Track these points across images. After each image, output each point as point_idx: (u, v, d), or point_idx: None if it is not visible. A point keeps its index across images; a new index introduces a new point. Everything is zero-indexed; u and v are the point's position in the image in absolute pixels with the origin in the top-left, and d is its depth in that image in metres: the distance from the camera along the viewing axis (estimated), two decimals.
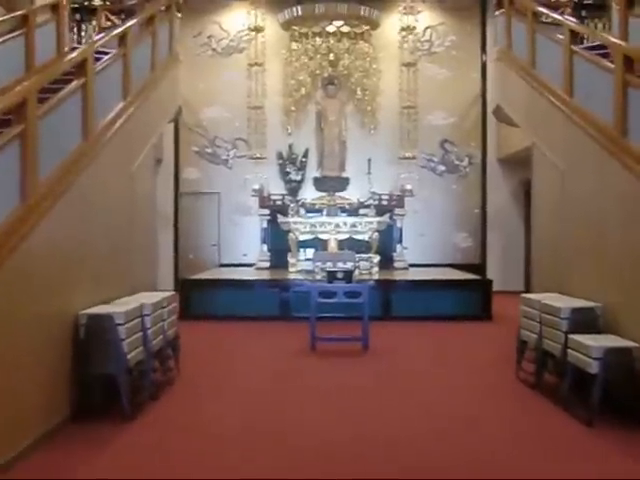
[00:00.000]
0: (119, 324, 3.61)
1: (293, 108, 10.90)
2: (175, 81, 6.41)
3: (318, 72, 10.64)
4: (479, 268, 11.22)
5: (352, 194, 10.28)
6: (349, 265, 8.10)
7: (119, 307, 3.83)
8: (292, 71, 10.82)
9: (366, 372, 5.07)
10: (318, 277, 8.18)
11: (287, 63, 10.85)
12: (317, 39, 10.57)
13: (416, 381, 4.75)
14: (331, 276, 5.87)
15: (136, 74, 4.98)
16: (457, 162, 11.46)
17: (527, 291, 11.17)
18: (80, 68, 3.83)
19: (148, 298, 4.35)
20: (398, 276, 8.96)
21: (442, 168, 11.45)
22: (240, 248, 11.20)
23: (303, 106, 10.98)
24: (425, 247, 11.16)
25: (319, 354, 5.76)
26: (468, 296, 7.96)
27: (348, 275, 5.85)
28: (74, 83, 3.79)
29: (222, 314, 7.77)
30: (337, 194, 10.09)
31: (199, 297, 7.93)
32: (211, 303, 7.89)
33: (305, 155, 10.85)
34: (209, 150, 11.42)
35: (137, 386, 3.85)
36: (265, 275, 9.15)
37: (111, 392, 3.70)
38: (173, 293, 4.86)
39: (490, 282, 8.02)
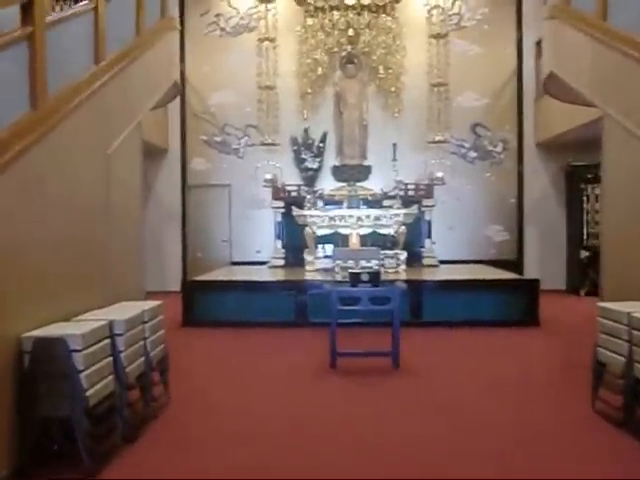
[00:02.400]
0: (75, 350, 2.71)
1: (309, 90, 9.91)
2: (169, 51, 5.49)
3: (336, 50, 9.63)
4: (515, 264, 10.17)
5: (375, 184, 9.30)
6: (373, 263, 7.15)
7: (78, 326, 2.92)
8: (307, 49, 9.83)
9: (398, 402, 4.10)
10: (338, 277, 7.22)
11: (302, 40, 9.86)
12: (335, 13, 9.58)
13: (463, 418, 3.76)
14: (354, 278, 4.90)
15: (114, 35, 4.06)
16: (490, 148, 10.39)
17: (570, 290, 10.19)
18: (26, 13, 2.92)
19: (124, 311, 3.44)
20: (429, 275, 7.95)
21: (474, 154, 10.38)
22: (253, 244, 10.31)
23: (320, 88, 9.99)
24: (455, 242, 10.14)
25: (340, 373, 4.80)
26: (511, 298, 6.93)
27: (374, 277, 4.88)
28: (17, 32, 2.88)
29: (230, 320, 6.87)
30: (358, 184, 9.11)
31: (204, 301, 7.04)
32: (217, 308, 6.99)
33: (323, 140, 9.86)
34: (218, 139, 10.53)
35: (105, 428, 2.94)
36: (279, 275, 8.22)
37: (71, 437, 2.80)
38: (159, 303, 3.94)
39: (537, 282, 6.97)
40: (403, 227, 8.28)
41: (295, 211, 8.39)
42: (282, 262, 9.08)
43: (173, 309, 7.18)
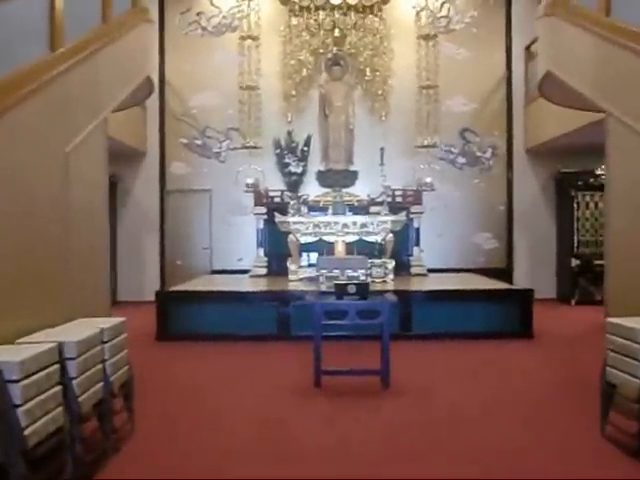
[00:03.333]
0: (11, 380, 2.29)
1: (293, 92, 9.57)
2: (142, 44, 5.08)
3: (321, 51, 9.30)
4: (505, 273, 9.91)
5: (361, 190, 8.97)
6: (360, 272, 6.79)
7: (17, 351, 2.50)
8: (292, 50, 9.49)
9: (388, 427, 3.73)
10: (323, 287, 6.84)
11: (286, 41, 9.51)
12: (320, 13, 9.27)
13: (459, 445, 3.40)
14: (340, 290, 4.53)
15: (74, 21, 3.66)
16: (479, 153, 10.13)
17: (561, 299, 9.95)
18: None
19: (79, 331, 3.03)
20: (418, 285, 7.62)
21: (462, 160, 10.11)
22: (235, 252, 9.91)
23: (304, 90, 9.65)
24: (443, 250, 9.85)
25: (325, 393, 4.42)
26: (503, 309, 6.61)
27: (362, 289, 4.51)
28: None
29: (207, 333, 6.45)
30: (344, 190, 8.76)
31: (179, 313, 6.61)
32: (194, 320, 6.57)
33: (307, 143, 9.50)
34: (199, 142, 10.12)
35: (50, 470, 2.52)
36: (261, 285, 7.82)
37: None
38: (122, 320, 3.52)
39: (530, 292, 6.67)
40: (391, 235, 7.95)
41: (278, 217, 8.01)
42: (264, 271, 8.68)
43: (148, 320, 6.75)
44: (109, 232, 4.66)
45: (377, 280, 7.40)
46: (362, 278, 6.76)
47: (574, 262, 9.49)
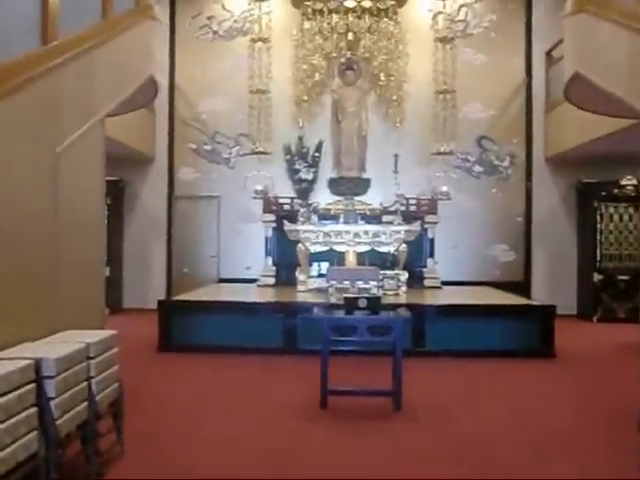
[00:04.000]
0: None
1: (305, 97, 9.32)
2: (145, 42, 4.84)
3: (334, 55, 9.04)
4: (522, 287, 9.53)
5: (373, 198, 8.66)
6: (372, 284, 6.49)
7: None
8: (304, 54, 9.25)
9: (400, 454, 3.41)
10: (333, 299, 6.55)
11: (298, 45, 9.28)
12: (334, 16, 9.02)
13: (478, 473, 3.07)
14: (350, 304, 4.23)
15: (71, 16, 3.43)
16: (497, 162, 9.80)
17: (582, 316, 9.51)
18: None
19: (62, 345, 2.75)
20: (432, 298, 7.28)
21: (479, 169, 9.79)
22: (243, 260, 9.65)
23: (317, 95, 9.40)
24: (457, 261, 9.50)
25: (331, 416, 4.10)
26: (523, 326, 6.25)
27: (374, 303, 4.20)
28: None
29: (211, 345, 6.17)
30: (356, 198, 8.46)
31: (182, 323, 6.34)
32: (197, 331, 6.29)
33: (318, 149, 9.23)
34: (208, 147, 9.92)
35: None
36: (268, 295, 7.53)
37: None
38: (111, 333, 3.25)
39: (552, 308, 6.30)
40: (404, 245, 7.62)
41: (287, 225, 7.73)
42: (273, 281, 8.39)
43: (152, 330, 6.48)
44: (106, 241, 4.43)
45: (389, 292, 7.07)
46: (373, 290, 6.46)
47: (596, 277, 9.09)
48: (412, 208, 8.47)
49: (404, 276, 7.48)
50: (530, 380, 5.29)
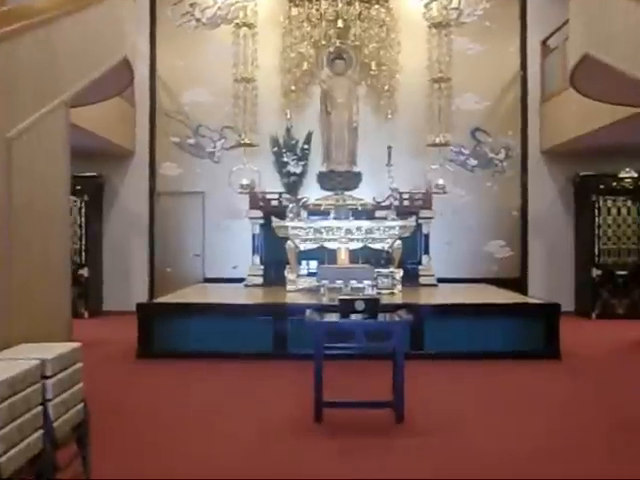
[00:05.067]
0: None
1: (293, 88, 8.92)
2: (116, 18, 4.39)
3: (323, 43, 8.62)
4: (519, 283, 9.25)
5: (365, 193, 8.27)
6: (366, 283, 6.11)
7: None
8: (292, 42, 8.85)
9: (404, 474, 3.03)
10: (325, 299, 6.19)
11: (286, 32, 8.87)
12: (322, 2, 8.61)
13: None
14: (346, 307, 3.84)
15: None
16: (492, 155, 9.49)
17: (580, 312, 9.23)
18: None
19: (8, 364, 2.33)
20: (429, 297, 6.93)
21: (473, 162, 9.48)
22: (230, 259, 9.24)
23: (305, 85, 9.01)
24: (452, 258, 9.18)
25: (326, 430, 3.72)
26: (526, 326, 5.92)
27: (372, 306, 3.82)
28: None
29: (195, 350, 5.76)
30: (347, 193, 8.07)
31: (163, 328, 5.91)
32: (180, 336, 5.87)
33: (307, 141, 8.83)
34: (191, 141, 9.49)
35: None
36: (256, 296, 7.13)
37: None
38: (74, 347, 2.82)
39: (557, 307, 5.97)
40: (399, 241, 7.25)
41: (275, 222, 7.32)
42: (260, 280, 8.00)
43: (132, 334, 6.03)
44: (69, 238, 3.97)
45: (384, 292, 6.70)
46: (368, 290, 6.09)
47: (595, 272, 8.81)
48: (405, 203, 8.11)
49: (399, 274, 7.12)
50: (537, 384, 4.95)
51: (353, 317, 3.87)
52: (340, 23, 8.52)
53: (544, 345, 5.84)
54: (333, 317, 4.00)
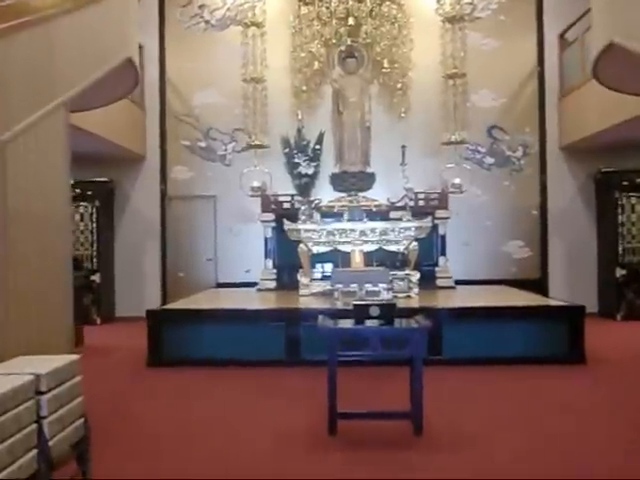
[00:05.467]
0: None
1: (304, 88, 8.75)
2: (122, 16, 4.26)
3: (334, 42, 8.44)
4: (539, 284, 8.97)
5: (379, 194, 8.08)
6: (381, 287, 5.91)
7: None
8: (302, 42, 8.68)
9: None
10: (339, 304, 5.99)
11: (296, 32, 8.70)
12: (332, 0, 8.44)
13: None
14: (360, 312, 3.65)
15: None
16: (509, 153, 9.23)
17: (604, 314, 8.90)
18: None
19: (1, 380, 2.18)
20: (447, 300, 6.70)
21: (490, 160, 9.23)
22: (242, 263, 9.11)
23: (316, 85, 8.85)
24: (470, 259, 8.95)
25: (341, 444, 3.53)
26: (549, 329, 5.67)
27: (388, 311, 3.63)
28: None
29: (206, 358, 5.62)
30: (361, 194, 7.89)
31: (174, 335, 5.77)
32: (190, 343, 5.73)
33: (319, 141, 8.65)
34: (202, 144, 9.37)
35: None
36: (268, 301, 6.97)
37: None
38: (72, 360, 2.67)
39: (581, 310, 5.72)
40: (414, 243, 7.04)
41: (287, 224, 7.15)
42: (273, 284, 7.84)
43: (144, 341, 5.88)
44: (71, 245, 3.84)
45: (400, 295, 6.50)
46: (383, 293, 5.89)
47: (619, 272, 8.50)
48: (421, 203, 7.90)
49: (415, 277, 6.91)
50: (564, 392, 4.71)
51: (368, 323, 3.68)
52: (351, 21, 8.35)
53: (568, 349, 5.59)
54: (347, 323, 3.81)
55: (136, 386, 5.17)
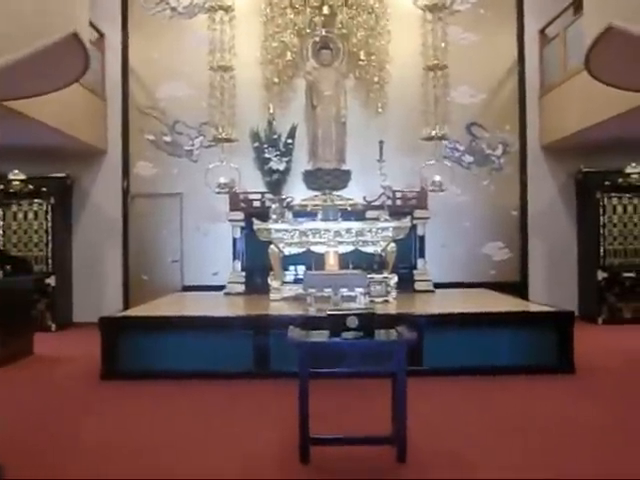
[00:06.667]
0: None
1: (276, 80, 8.29)
2: None
3: (308, 32, 8.00)
4: (518, 287, 8.70)
5: (355, 192, 7.67)
6: (358, 291, 5.50)
7: None
8: (274, 31, 8.22)
9: None
10: (312, 310, 5.55)
11: (267, 20, 8.24)
12: None
13: None
14: (336, 323, 3.21)
15: None
16: (488, 151, 8.95)
17: (585, 318, 8.55)
18: None
19: None
20: (426, 305, 6.33)
21: (469, 159, 8.93)
22: (210, 265, 8.61)
23: (289, 77, 8.39)
24: (447, 261, 8.63)
25: (315, 472, 3.08)
26: (536, 336, 5.33)
27: (367, 322, 3.19)
28: None
29: (167, 369, 5.11)
30: (335, 192, 7.45)
31: (130, 344, 5.24)
32: (149, 354, 5.21)
33: (291, 135, 8.19)
34: (168, 139, 8.84)
35: None
36: (236, 307, 6.49)
37: None
38: None
39: (570, 315, 5.40)
40: (392, 244, 6.65)
41: (256, 224, 6.68)
42: (242, 288, 7.35)
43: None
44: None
45: (377, 300, 6.09)
46: (360, 298, 5.47)
47: (600, 275, 8.27)
48: (399, 202, 7.51)
49: (393, 280, 6.51)
50: (554, 405, 4.36)
51: (345, 335, 3.24)
52: (326, 10, 7.90)
53: (557, 358, 5.25)
54: (321, 335, 3.37)
55: (87, 401, 4.64)
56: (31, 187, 8.19)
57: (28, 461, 3.21)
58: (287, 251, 6.64)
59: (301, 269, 6.81)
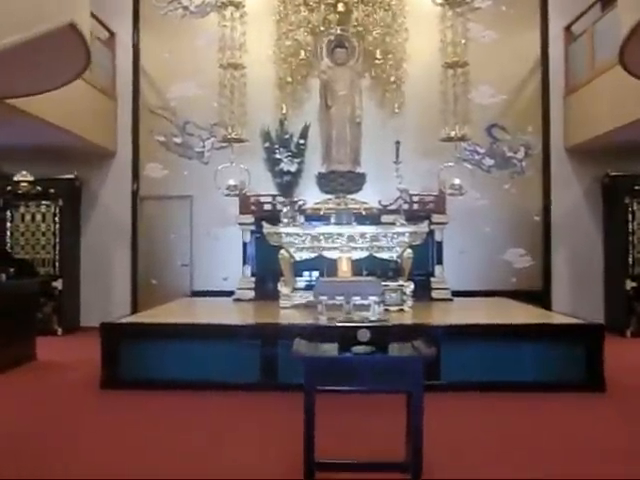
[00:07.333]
0: None
1: (289, 79, 8.05)
2: None
3: (322, 29, 7.75)
4: (540, 296, 8.32)
5: (370, 196, 7.36)
6: (372, 300, 5.19)
7: None
8: (287, 29, 7.99)
9: None
10: (323, 319, 5.24)
11: (280, 18, 8.01)
12: None
13: None
14: (347, 337, 2.92)
15: None
16: (510, 154, 8.59)
17: (612, 329, 7.99)
18: None
19: None
20: (445, 315, 6.01)
21: (490, 162, 8.58)
22: (220, 270, 8.38)
23: (302, 77, 8.14)
24: (466, 268, 8.28)
25: None
26: (563, 351, 4.95)
27: (379, 336, 2.89)
28: None
29: (170, 379, 4.86)
30: (349, 196, 7.15)
31: (132, 352, 4.99)
32: (152, 362, 4.96)
33: (304, 135, 7.93)
34: (178, 140, 8.64)
35: None
36: (244, 313, 6.23)
37: None
38: None
39: (600, 328, 5.03)
40: (409, 250, 6.33)
41: (266, 227, 6.41)
42: (251, 294, 7.09)
43: None
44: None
45: (392, 308, 5.78)
46: (374, 307, 5.15)
47: (629, 284, 7.85)
48: (416, 206, 7.20)
49: (409, 288, 6.19)
50: (584, 426, 4.00)
51: (356, 350, 2.94)
52: (341, 7, 7.60)
53: (585, 374, 4.88)
54: (330, 349, 3.07)
55: (84, 413, 4.39)
56: (39, 189, 8.04)
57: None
58: (298, 256, 6.36)
59: (313, 275, 6.52)
